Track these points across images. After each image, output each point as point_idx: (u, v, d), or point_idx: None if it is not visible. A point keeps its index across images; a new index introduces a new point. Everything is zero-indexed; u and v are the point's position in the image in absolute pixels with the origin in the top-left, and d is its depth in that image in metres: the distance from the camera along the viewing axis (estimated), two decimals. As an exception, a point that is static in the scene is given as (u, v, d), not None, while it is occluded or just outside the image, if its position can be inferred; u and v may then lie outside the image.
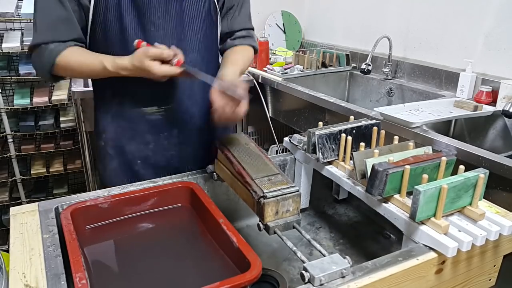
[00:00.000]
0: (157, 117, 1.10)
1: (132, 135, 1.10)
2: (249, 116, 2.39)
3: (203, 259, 0.80)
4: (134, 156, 1.11)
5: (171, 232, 0.88)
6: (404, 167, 0.78)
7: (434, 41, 1.96)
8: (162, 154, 1.12)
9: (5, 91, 2.22)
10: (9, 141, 2.21)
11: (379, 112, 1.50)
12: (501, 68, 1.68)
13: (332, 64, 2.34)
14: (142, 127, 1.10)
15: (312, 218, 1.14)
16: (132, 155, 1.11)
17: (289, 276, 0.91)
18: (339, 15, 2.53)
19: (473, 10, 1.76)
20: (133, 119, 1.09)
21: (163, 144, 1.12)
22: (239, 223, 1.09)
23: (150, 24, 1.01)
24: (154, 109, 1.09)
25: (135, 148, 1.11)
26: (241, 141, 0.96)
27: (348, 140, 0.93)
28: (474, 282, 0.83)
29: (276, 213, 0.77)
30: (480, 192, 0.78)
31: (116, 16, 0.99)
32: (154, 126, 1.10)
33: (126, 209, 0.89)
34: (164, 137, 1.11)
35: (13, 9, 2.03)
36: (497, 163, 1.16)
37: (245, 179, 0.81)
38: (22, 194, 2.32)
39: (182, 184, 0.95)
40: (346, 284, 0.66)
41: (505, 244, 0.83)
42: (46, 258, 0.72)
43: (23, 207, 0.88)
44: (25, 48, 2.07)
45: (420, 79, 1.99)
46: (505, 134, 1.59)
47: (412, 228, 0.76)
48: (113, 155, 1.12)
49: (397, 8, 2.12)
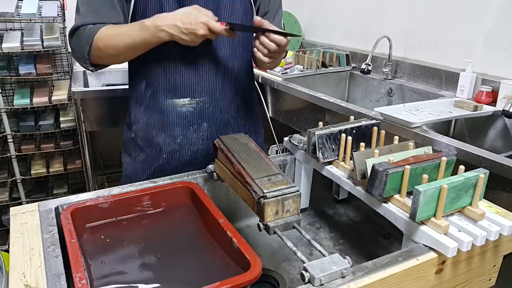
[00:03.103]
0: (188, 109, 1.11)
1: (161, 127, 1.12)
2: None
3: (203, 259, 0.80)
4: (161, 149, 1.13)
5: (171, 232, 0.88)
6: (404, 167, 0.78)
7: (434, 41, 1.96)
8: (189, 148, 1.14)
9: (5, 91, 2.23)
10: (9, 141, 2.21)
11: (379, 112, 1.50)
12: (501, 68, 1.68)
13: (332, 64, 2.34)
14: (172, 119, 1.11)
15: (312, 218, 1.14)
16: (160, 148, 1.12)
17: (289, 276, 0.91)
18: (339, 15, 2.53)
19: (473, 10, 1.76)
20: (164, 110, 1.10)
21: (191, 137, 1.13)
22: (239, 223, 1.09)
23: None
24: (186, 101, 1.10)
25: (162, 141, 1.12)
26: (241, 141, 0.96)
27: (348, 140, 0.93)
28: (474, 282, 0.83)
29: (276, 213, 0.77)
30: (480, 192, 0.78)
31: (156, 8, 1.01)
32: (184, 118, 1.11)
33: (126, 209, 0.89)
34: (193, 130, 1.13)
35: (13, 9, 2.03)
36: (497, 163, 1.16)
37: (245, 179, 0.82)
38: (22, 194, 2.32)
39: (182, 184, 0.94)
40: (346, 284, 0.66)
41: (505, 244, 0.83)
42: (46, 258, 0.72)
43: (23, 207, 0.88)
44: (25, 48, 2.06)
45: (420, 79, 1.99)
46: (505, 134, 1.59)
47: (412, 228, 0.76)
48: (142, 146, 1.13)
49: (397, 8, 2.12)
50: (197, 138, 1.14)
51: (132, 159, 1.17)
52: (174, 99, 1.10)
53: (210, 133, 1.15)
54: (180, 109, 1.11)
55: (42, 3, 2.15)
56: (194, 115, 1.12)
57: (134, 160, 1.16)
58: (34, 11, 2.04)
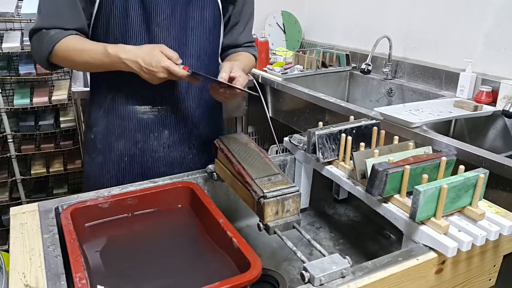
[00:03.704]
0: (149, 117, 1.09)
1: (121, 132, 1.10)
2: (249, 116, 2.39)
3: (203, 259, 0.80)
4: (121, 154, 1.11)
5: (171, 232, 0.88)
6: (404, 167, 0.78)
7: (434, 41, 1.96)
8: (150, 155, 1.11)
9: (5, 91, 2.22)
10: (9, 141, 2.21)
11: (379, 112, 1.50)
12: (501, 68, 1.68)
13: (332, 64, 2.34)
14: (132, 125, 1.09)
15: (312, 218, 1.14)
16: (120, 152, 1.11)
17: (289, 276, 0.91)
18: (339, 15, 2.53)
19: (473, 10, 1.76)
20: (125, 116, 1.09)
21: (152, 144, 1.11)
22: (239, 223, 1.09)
23: (155, 24, 1.01)
24: (147, 108, 1.09)
25: (123, 146, 1.10)
26: (241, 141, 0.96)
27: (348, 140, 0.93)
28: (474, 282, 0.83)
29: (276, 213, 0.77)
30: (480, 192, 0.78)
31: (121, 12, 0.99)
32: (145, 126, 1.09)
33: (126, 209, 0.89)
34: (154, 137, 1.11)
35: (13, 9, 2.03)
36: (497, 163, 1.16)
37: (245, 179, 0.82)
38: (22, 194, 2.32)
39: (182, 184, 0.95)
40: (346, 284, 0.66)
41: (505, 244, 0.83)
42: (46, 258, 0.72)
43: (23, 207, 0.88)
44: (25, 48, 2.07)
45: (420, 79, 1.99)
46: (505, 134, 1.59)
47: (412, 228, 0.76)
48: (101, 149, 1.11)
49: (397, 8, 2.12)
50: (158, 145, 1.11)
51: (91, 160, 1.14)
52: (135, 106, 1.08)
53: (172, 142, 1.12)
54: (141, 116, 1.09)
55: (42, 3, 2.15)
56: (155, 122, 1.10)
57: (93, 161, 1.14)
58: (34, 11, 2.03)
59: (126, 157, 1.11)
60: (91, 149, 1.14)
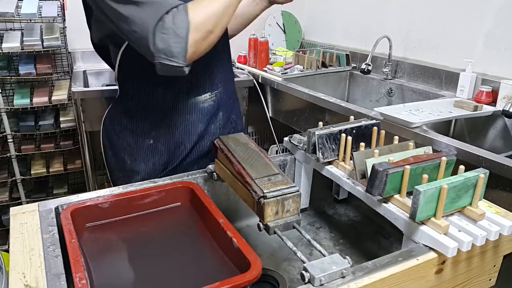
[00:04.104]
0: (209, 104, 1.14)
1: (184, 128, 1.13)
2: (249, 116, 2.39)
3: (203, 259, 0.80)
4: (185, 147, 1.14)
5: (171, 232, 0.88)
6: (404, 167, 0.78)
7: (434, 41, 1.96)
8: (208, 139, 1.16)
9: (5, 91, 2.22)
10: (9, 141, 2.21)
11: (379, 112, 1.50)
12: (501, 68, 1.68)
13: (332, 64, 2.34)
14: (195, 116, 1.13)
15: (312, 218, 1.14)
16: (184, 146, 1.14)
17: (289, 276, 0.91)
18: (339, 15, 2.53)
19: (473, 10, 1.76)
20: (186, 111, 1.12)
21: (210, 128, 1.16)
22: (239, 223, 1.09)
23: None
24: (207, 96, 1.13)
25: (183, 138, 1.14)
26: (241, 141, 0.96)
27: (348, 140, 0.93)
28: (474, 282, 0.83)
29: (276, 213, 0.77)
30: (480, 192, 0.78)
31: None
32: (206, 114, 1.14)
33: (126, 209, 0.89)
34: (212, 121, 1.16)
35: (13, 9, 2.02)
36: (497, 163, 1.16)
37: (245, 179, 0.81)
38: (22, 194, 2.32)
39: (182, 184, 0.94)
40: (346, 284, 0.66)
41: (505, 244, 0.83)
42: (46, 258, 0.72)
43: (23, 207, 0.88)
44: (25, 48, 2.06)
45: (420, 79, 1.99)
46: (505, 134, 1.59)
47: (412, 228, 0.76)
48: (163, 151, 1.13)
49: (397, 8, 2.12)
50: (215, 128, 1.17)
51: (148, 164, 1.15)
52: (196, 97, 1.12)
53: (224, 122, 1.19)
54: (202, 105, 1.13)
55: (42, 3, 2.15)
56: (214, 108, 1.15)
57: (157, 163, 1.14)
58: (34, 11, 2.04)
59: (186, 149, 1.14)
60: (148, 154, 1.14)
